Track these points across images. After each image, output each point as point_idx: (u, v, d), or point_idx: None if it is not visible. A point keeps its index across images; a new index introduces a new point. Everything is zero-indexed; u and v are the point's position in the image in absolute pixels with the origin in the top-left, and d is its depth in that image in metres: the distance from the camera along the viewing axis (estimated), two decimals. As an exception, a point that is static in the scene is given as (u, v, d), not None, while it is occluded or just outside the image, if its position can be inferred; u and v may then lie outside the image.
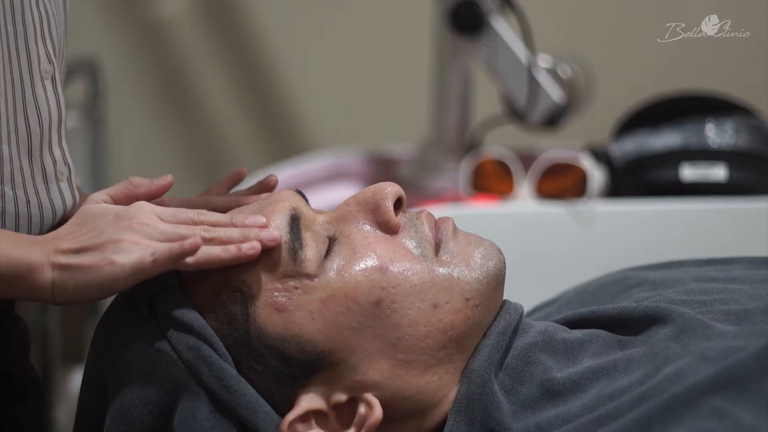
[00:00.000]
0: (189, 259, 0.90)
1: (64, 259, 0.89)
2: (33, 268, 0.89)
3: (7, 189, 0.99)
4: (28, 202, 1.01)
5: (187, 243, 0.89)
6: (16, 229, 1.00)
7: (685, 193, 1.65)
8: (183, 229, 0.92)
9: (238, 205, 1.01)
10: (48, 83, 1.01)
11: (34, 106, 1.00)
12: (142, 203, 0.94)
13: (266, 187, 1.07)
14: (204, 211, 0.95)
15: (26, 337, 1.12)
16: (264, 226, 0.93)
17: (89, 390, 0.97)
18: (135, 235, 0.90)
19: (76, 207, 1.08)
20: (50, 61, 1.01)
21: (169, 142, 2.52)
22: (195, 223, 0.93)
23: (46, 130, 1.01)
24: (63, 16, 1.06)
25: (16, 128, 0.99)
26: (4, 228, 0.99)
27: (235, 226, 0.93)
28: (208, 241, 0.91)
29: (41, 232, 1.00)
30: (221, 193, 1.10)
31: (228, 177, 1.11)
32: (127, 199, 0.97)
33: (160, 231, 0.91)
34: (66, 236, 0.92)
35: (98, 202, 0.96)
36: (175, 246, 0.89)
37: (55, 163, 1.03)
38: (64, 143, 1.05)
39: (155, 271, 0.89)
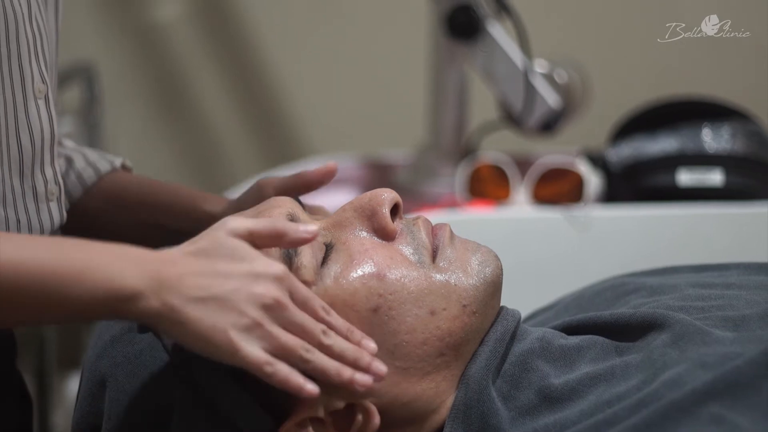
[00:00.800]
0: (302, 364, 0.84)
1: (178, 302, 0.82)
2: (133, 297, 0.81)
3: None
4: (18, 221, 1.00)
5: (308, 387, 0.83)
6: None
7: (681, 198, 1.65)
8: (308, 323, 0.85)
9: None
10: (41, 102, 1.01)
11: (27, 126, 0.99)
12: (284, 269, 0.86)
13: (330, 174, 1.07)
14: (329, 309, 0.88)
15: (12, 341, 1.11)
16: (374, 353, 0.88)
17: (86, 395, 0.97)
18: (263, 315, 0.83)
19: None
20: (44, 81, 1.01)
21: (165, 147, 2.52)
22: (318, 319, 0.87)
23: (38, 149, 1.01)
24: (54, 30, 1.06)
25: (8, 147, 0.98)
26: None
27: (349, 340, 0.88)
28: (322, 346, 0.85)
29: None
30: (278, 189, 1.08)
31: (318, 171, 1.07)
32: (269, 244, 0.89)
33: (287, 318, 0.84)
34: (187, 266, 0.84)
35: (237, 234, 0.87)
36: (293, 378, 0.83)
37: (46, 182, 1.02)
38: (56, 163, 1.04)
39: (263, 379, 0.83)
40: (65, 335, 2.18)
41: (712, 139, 1.67)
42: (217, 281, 0.83)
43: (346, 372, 0.85)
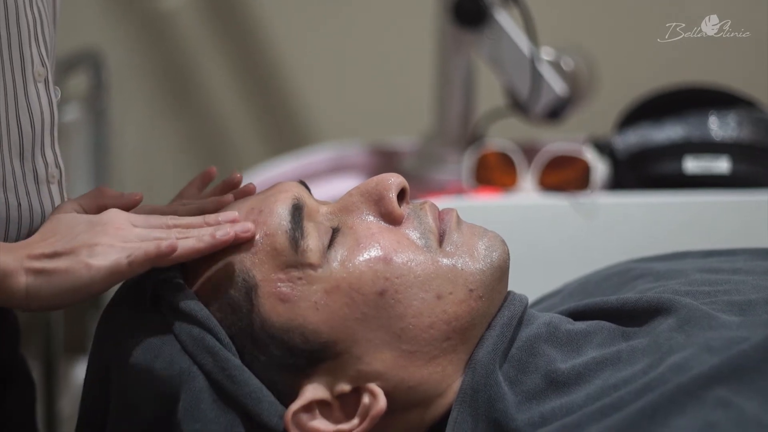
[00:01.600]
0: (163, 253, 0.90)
1: (38, 264, 0.89)
2: (6, 274, 0.89)
3: None
4: (19, 205, 1.00)
5: (164, 244, 0.89)
6: (6, 232, 1.00)
7: (688, 186, 1.65)
8: (157, 233, 0.92)
9: (204, 212, 1.01)
10: (41, 86, 1.01)
11: (27, 109, 0.99)
12: (115, 210, 0.95)
13: (231, 185, 1.07)
14: (175, 216, 0.95)
15: (15, 327, 1.12)
16: (236, 221, 0.94)
17: (93, 381, 0.97)
18: (109, 238, 0.90)
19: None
20: (43, 64, 1.01)
21: (171, 134, 2.52)
22: (168, 227, 0.94)
23: (38, 132, 1.01)
24: (52, 14, 1.05)
25: (8, 131, 0.98)
26: None
27: (208, 224, 0.94)
28: (182, 232, 0.93)
29: (29, 235, 0.99)
30: (192, 194, 1.09)
31: (198, 178, 1.10)
32: (98, 209, 0.98)
33: (134, 235, 0.91)
34: (39, 242, 0.92)
35: (69, 211, 0.96)
36: (150, 247, 0.89)
37: (47, 165, 1.03)
38: (56, 146, 1.04)
39: (131, 273, 0.90)
40: (72, 321, 2.19)
41: (718, 126, 1.67)
42: (65, 237, 0.91)
43: (206, 237, 0.91)
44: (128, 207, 1.00)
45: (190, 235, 0.92)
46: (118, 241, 0.90)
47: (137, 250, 0.89)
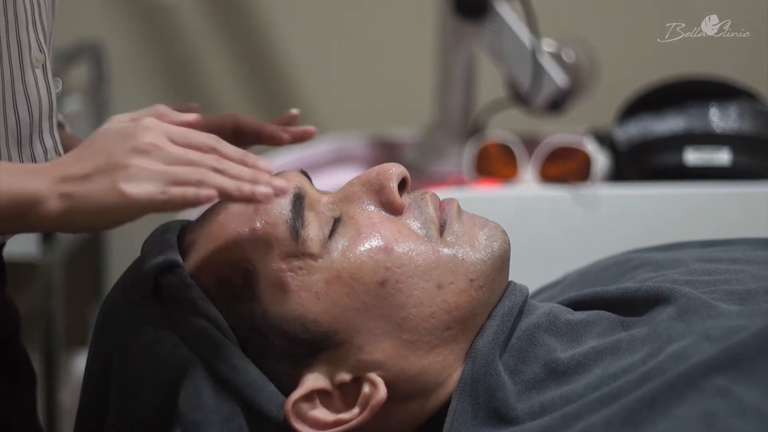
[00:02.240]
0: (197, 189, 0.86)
1: (71, 188, 0.85)
2: (38, 201, 0.85)
3: None
4: None
5: (203, 193, 0.85)
6: None
7: (688, 178, 1.65)
8: (194, 155, 0.87)
9: (258, 130, 1.01)
10: (39, 71, 1.00)
11: (24, 95, 0.99)
12: (151, 120, 0.89)
13: (291, 119, 1.09)
14: (217, 138, 0.90)
15: (17, 318, 1.12)
16: (271, 172, 0.90)
17: (93, 371, 0.97)
18: (144, 159, 0.85)
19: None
20: (41, 50, 1.00)
21: (173, 126, 2.52)
22: (206, 150, 0.89)
23: (36, 119, 1.00)
24: (51, 1, 1.05)
25: (5, 117, 0.97)
26: None
27: (245, 164, 0.89)
28: (217, 171, 0.87)
29: None
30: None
31: (283, 116, 1.11)
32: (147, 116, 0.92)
33: (170, 156, 0.86)
34: (72, 161, 0.87)
35: (113, 124, 0.91)
36: (190, 193, 0.85)
37: (46, 152, 1.02)
38: (55, 132, 1.04)
39: (165, 209, 0.85)
40: (72, 313, 2.19)
41: (719, 118, 1.67)
42: (99, 154, 0.86)
43: (245, 186, 0.86)
44: (185, 123, 0.96)
45: (226, 168, 0.88)
46: (153, 161, 0.85)
47: (175, 190, 0.85)
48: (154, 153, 0.86)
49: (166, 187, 0.85)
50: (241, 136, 1.12)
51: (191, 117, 0.94)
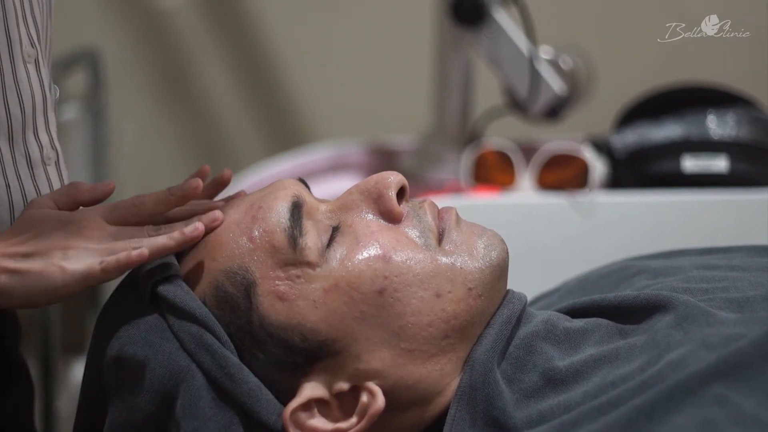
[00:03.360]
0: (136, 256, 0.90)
1: (12, 264, 0.90)
2: None
3: None
4: (8, 186, 0.99)
5: (135, 253, 0.89)
6: None
7: (686, 185, 1.65)
8: (130, 231, 0.93)
9: (193, 215, 1.00)
10: (31, 66, 1.00)
11: (15, 90, 0.98)
12: (89, 209, 0.95)
13: (220, 184, 1.07)
14: (136, 196, 0.96)
15: (16, 326, 1.11)
16: (216, 219, 0.95)
17: (91, 379, 0.97)
18: (83, 240, 0.91)
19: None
20: (33, 45, 1.00)
21: (170, 133, 2.52)
22: (137, 213, 0.95)
23: (29, 114, 1.00)
24: (47, 1, 1.05)
25: None
26: None
27: (171, 196, 0.95)
28: (152, 235, 0.93)
29: None
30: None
31: (211, 183, 1.08)
32: (71, 205, 0.97)
33: (107, 234, 0.92)
34: (11, 240, 0.91)
35: (42, 207, 0.95)
36: (122, 257, 0.89)
37: (41, 147, 1.02)
38: (52, 128, 1.04)
39: (104, 279, 0.90)
40: (70, 320, 2.19)
41: (716, 125, 1.67)
42: (39, 237, 0.91)
43: (175, 233, 0.92)
44: (102, 198, 1.00)
45: (161, 232, 0.93)
46: (92, 243, 0.91)
47: (110, 258, 0.90)
48: (93, 234, 0.92)
49: (103, 258, 0.90)
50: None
51: (108, 185, 0.99)
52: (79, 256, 0.90)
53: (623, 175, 1.72)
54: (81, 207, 0.97)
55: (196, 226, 0.92)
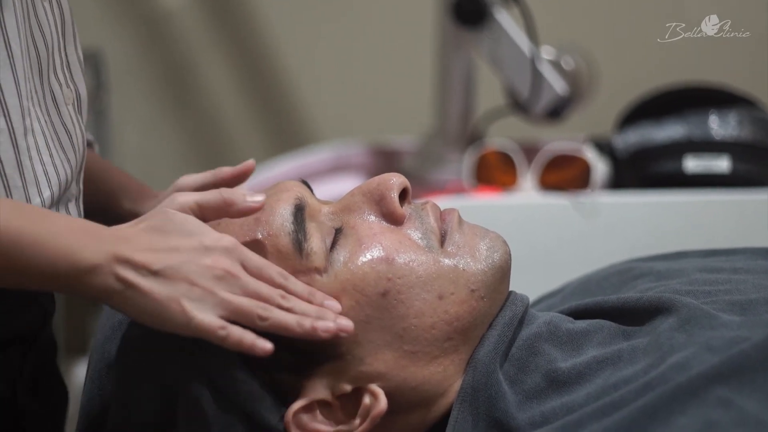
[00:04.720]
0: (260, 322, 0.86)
1: (132, 277, 0.84)
2: (91, 271, 0.84)
3: (30, 141, 0.95)
4: (51, 157, 0.97)
5: (260, 344, 0.85)
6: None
7: (688, 185, 1.65)
8: (263, 289, 0.87)
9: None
10: (47, 4, 0.98)
11: (38, 28, 0.96)
12: (234, 241, 0.88)
13: (245, 174, 1.11)
14: (287, 274, 0.90)
15: (52, 339, 1.12)
16: (339, 312, 0.90)
17: (93, 379, 0.97)
18: (215, 284, 0.85)
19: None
20: None
21: (172, 134, 2.52)
22: (275, 285, 0.89)
23: (52, 51, 0.98)
24: None
25: (28, 49, 0.95)
26: None
27: (311, 302, 0.90)
28: (284, 308, 0.88)
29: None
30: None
31: (236, 171, 1.12)
32: (216, 215, 0.92)
33: (240, 286, 0.87)
34: (140, 243, 0.86)
35: (185, 208, 0.91)
36: (247, 338, 0.85)
37: (60, 85, 1.00)
38: (66, 69, 1.02)
39: (218, 343, 0.86)
40: (73, 322, 2.19)
41: (718, 125, 1.67)
42: (169, 255, 0.85)
43: (306, 321, 0.87)
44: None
45: (292, 306, 0.88)
46: (222, 289, 0.85)
47: (235, 331, 0.84)
48: (226, 280, 0.86)
49: (228, 324, 0.85)
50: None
51: (257, 202, 0.93)
52: (205, 303, 0.84)
53: (625, 175, 1.72)
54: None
55: (329, 327, 0.87)
